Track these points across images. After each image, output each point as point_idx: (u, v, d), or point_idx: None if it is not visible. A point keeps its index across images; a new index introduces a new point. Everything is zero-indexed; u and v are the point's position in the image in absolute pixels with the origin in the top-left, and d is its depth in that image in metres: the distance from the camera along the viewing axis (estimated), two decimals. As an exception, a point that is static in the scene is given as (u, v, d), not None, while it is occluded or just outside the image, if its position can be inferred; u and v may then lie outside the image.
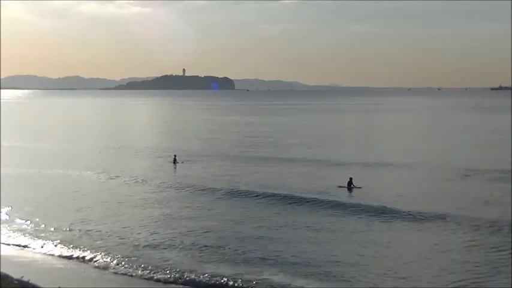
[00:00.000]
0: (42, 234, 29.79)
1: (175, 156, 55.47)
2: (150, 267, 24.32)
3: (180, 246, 27.13)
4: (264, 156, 58.41)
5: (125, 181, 44.71)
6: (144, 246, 27.35)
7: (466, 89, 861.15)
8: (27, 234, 29.90)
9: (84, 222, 31.98)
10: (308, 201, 35.52)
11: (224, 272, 23.42)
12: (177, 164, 53.77)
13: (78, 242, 28.28)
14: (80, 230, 30.39)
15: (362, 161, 53.24)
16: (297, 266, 23.96)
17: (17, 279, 22.21)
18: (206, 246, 27.03)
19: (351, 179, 40.11)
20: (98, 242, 28.11)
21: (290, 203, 35.28)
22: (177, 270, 23.87)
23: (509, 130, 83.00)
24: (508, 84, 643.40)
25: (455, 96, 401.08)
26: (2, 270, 23.18)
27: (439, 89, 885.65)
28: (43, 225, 31.47)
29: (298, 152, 61.85)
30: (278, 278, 22.67)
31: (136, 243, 27.86)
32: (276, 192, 38.46)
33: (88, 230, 30.33)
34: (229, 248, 26.51)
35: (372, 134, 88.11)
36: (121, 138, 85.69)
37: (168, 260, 25.20)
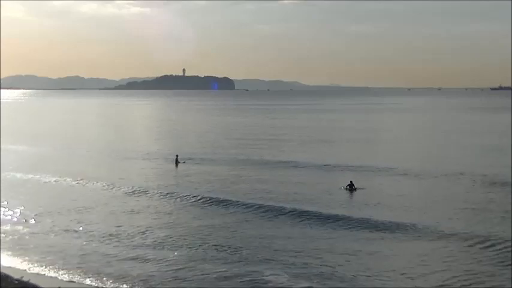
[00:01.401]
0: (42, 235, 29.84)
1: (177, 156, 55.27)
2: (146, 269, 24.37)
3: (181, 252, 27.13)
4: (264, 158, 57.41)
5: (125, 183, 44.35)
6: (141, 247, 27.39)
7: (466, 89, 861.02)
8: (27, 235, 29.92)
9: (82, 223, 32.03)
10: (309, 207, 34.76)
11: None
12: (179, 164, 53.58)
13: (77, 243, 28.34)
14: (78, 231, 30.43)
15: (362, 163, 52.20)
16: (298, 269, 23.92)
17: (17, 279, 22.22)
18: (205, 249, 27.07)
19: (351, 182, 39.95)
20: (96, 244, 28.12)
21: (291, 209, 34.20)
22: (176, 275, 23.84)
23: (509, 131, 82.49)
24: (508, 84, 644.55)
25: (456, 96, 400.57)
26: (2, 270, 23.19)
27: (439, 89, 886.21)
28: (43, 227, 31.51)
29: (299, 154, 61.63)
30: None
31: (134, 244, 27.92)
32: (276, 197, 37.88)
33: (87, 231, 30.35)
34: (230, 251, 26.50)
35: (372, 135, 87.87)
36: (121, 138, 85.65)
37: (167, 262, 25.25)
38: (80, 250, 27.06)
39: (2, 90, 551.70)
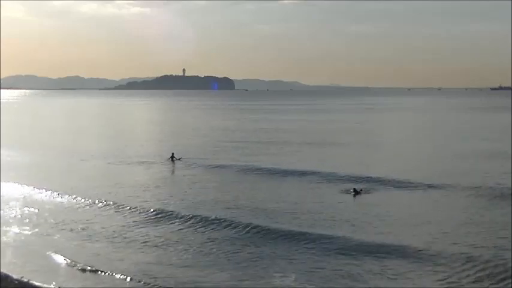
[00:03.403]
0: (43, 236, 29.90)
1: (172, 154, 55.09)
2: (146, 270, 24.34)
3: (182, 253, 27.16)
4: (265, 162, 55.90)
5: (127, 187, 44.23)
6: (142, 250, 27.43)
7: (466, 89, 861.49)
8: (27, 236, 29.94)
9: (83, 224, 32.03)
10: (312, 217, 33.39)
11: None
12: (175, 162, 53.41)
13: (78, 244, 28.41)
14: (79, 232, 30.50)
15: (362, 168, 51.17)
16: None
17: (17, 279, 22.26)
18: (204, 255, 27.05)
19: (354, 188, 39.87)
20: (96, 245, 28.13)
21: (294, 220, 32.62)
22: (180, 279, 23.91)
23: (509, 132, 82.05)
24: (508, 84, 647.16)
25: (455, 96, 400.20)
26: (2, 270, 23.22)
27: (439, 89, 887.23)
28: (43, 227, 31.58)
29: (300, 157, 61.33)
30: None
31: (135, 246, 27.97)
32: (276, 207, 36.33)
33: (88, 232, 30.40)
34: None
35: (371, 137, 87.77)
36: (122, 139, 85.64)
37: (168, 263, 25.30)
38: (80, 251, 27.05)
39: (2, 90, 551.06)
